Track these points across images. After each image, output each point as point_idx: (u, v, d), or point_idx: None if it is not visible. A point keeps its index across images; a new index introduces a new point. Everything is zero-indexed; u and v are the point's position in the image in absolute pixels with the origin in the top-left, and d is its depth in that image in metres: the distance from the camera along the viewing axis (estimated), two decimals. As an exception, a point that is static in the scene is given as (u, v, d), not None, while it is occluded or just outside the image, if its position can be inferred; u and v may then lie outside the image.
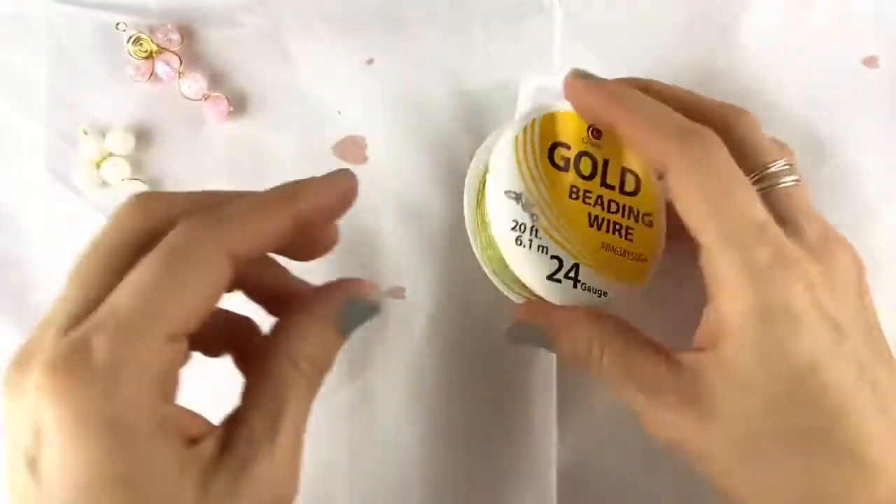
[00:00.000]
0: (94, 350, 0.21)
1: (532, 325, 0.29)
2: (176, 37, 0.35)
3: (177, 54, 0.35)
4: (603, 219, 0.29)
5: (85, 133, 0.35)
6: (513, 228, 0.28)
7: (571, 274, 0.28)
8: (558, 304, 0.29)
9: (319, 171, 0.35)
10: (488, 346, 0.35)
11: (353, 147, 0.36)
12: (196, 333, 0.23)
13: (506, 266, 0.28)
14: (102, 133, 0.35)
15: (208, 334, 0.26)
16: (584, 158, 0.29)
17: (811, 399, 0.24)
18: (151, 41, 0.35)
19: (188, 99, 0.35)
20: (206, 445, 0.23)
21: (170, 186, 0.36)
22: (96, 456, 0.20)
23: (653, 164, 0.27)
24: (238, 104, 0.36)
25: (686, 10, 0.35)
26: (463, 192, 0.32)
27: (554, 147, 0.29)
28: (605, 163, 0.29)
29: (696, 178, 0.25)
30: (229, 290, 0.26)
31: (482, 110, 0.35)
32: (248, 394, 0.25)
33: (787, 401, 0.24)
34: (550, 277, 0.28)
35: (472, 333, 0.35)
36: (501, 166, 0.28)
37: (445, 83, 0.35)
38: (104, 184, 0.36)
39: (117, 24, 0.35)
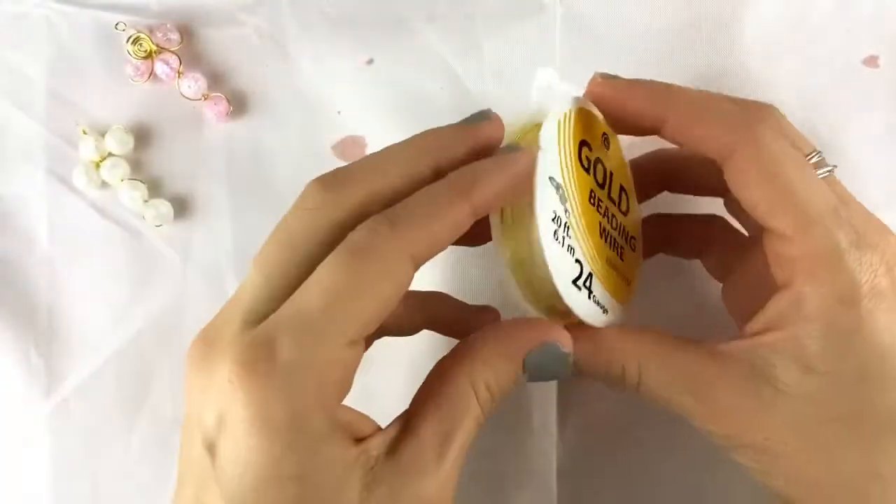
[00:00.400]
0: (279, 350, 0.21)
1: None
2: (175, 36, 0.35)
3: (176, 54, 0.35)
4: (608, 233, 0.28)
5: (84, 133, 0.35)
6: (553, 220, 0.25)
7: (588, 283, 0.26)
8: (574, 311, 0.26)
9: (320, 171, 0.36)
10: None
11: (353, 147, 0.36)
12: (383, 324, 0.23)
13: (531, 262, 0.26)
14: (102, 133, 0.35)
15: (400, 319, 0.27)
16: (598, 165, 0.27)
17: (884, 378, 0.24)
18: (151, 41, 0.35)
19: (188, 99, 0.35)
20: (373, 446, 0.23)
21: (169, 186, 0.36)
22: (274, 454, 0.21)
23: (712, 153, 0.26)
24: (238, 104, 0.36)
25: (687, 10, 0.35)
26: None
27: (582, 144, 0.27)
28: (611, 175, 0.28)
29: (766, 164, 0.24)
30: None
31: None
32: (423, 403, 0.24)
33: (857, 381, 0.24)
34: (574, 282, 0.26)
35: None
36: (548, 150, 0.25)
37: (445, 83, 0.35)
38: (103, 184, 0.36)
39: (116, 23, 0.35)
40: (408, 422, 0.24)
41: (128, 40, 0.35)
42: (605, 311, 0.27)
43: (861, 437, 0.24)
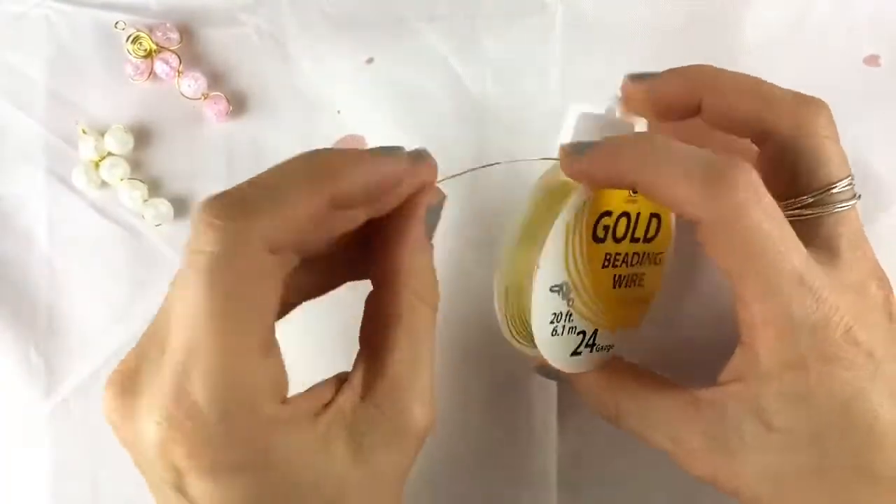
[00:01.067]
0: (192, 400, 0.21)
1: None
2: (175, 36, 0.35)
3: (176, 53, 0.35)
4: (624, 276, 0.28)
5: (84, 133, 0.35)
6: (551, 322, 0.27)
7: (590, 341, 0.28)
8: (573, 374, 0.29)
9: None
10: (488, 346, 0.35)
11: (353, 146, 0.36)
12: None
13: (529, 331, 0.28)
14: (101, 132, 0.35)
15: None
16: (621, 220, 0.28)
17: (843, 433, 0.24)
18: (150, 40, 0.35)
19: (187, 98, 0.35)
20: (343, 401, 0.23)
21: (169, 186, 0.36)
22: (248, 489, 0.22)
23: (682, 216, 0.25)
24: (238, 104, 0.36)
25: (687, 10, 0.35)
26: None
27: (600, 218, 0.27)
28: (637, 216, 0.28)
29: (727, 230, 0.24)
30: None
31: (482, 110, 0.35)
32: (377, 337, 0.25)
33: (816, 439, 0.24)
34: (573, 353, 0.28)
35: (471, 334, 0.35)
36: (550, 259, 0.26)
37: (445, 83, 0.35)
38: (103, 183, 0.35)
39: (116, 23, 0.35)
40: (369, 364, 0.24)
41: (128, 39, 0.35)
42: (609, 349, 0.29)
43: (829, 486, 0.25)
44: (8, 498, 0.35)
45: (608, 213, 0.27)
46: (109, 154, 0.35)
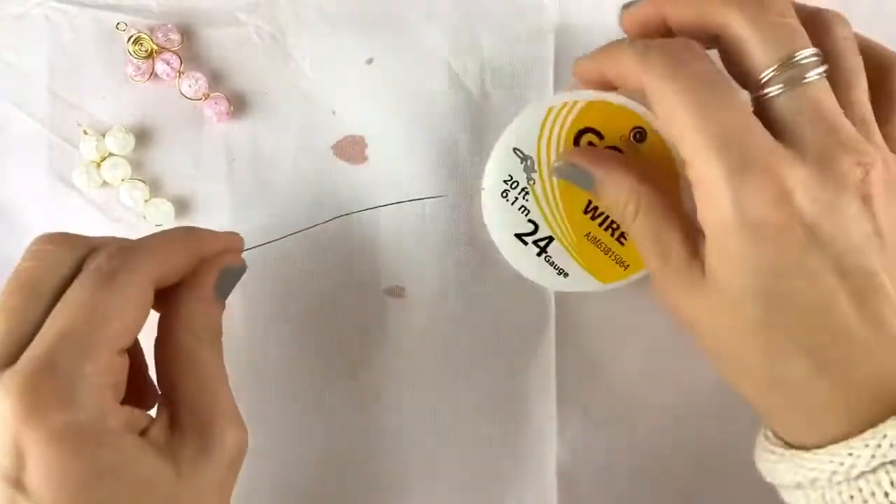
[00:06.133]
0: (58, 370, 0.24)
1: (580, 167, 0.29)
2: (176, 36, 0.35)
3: (177, 54, 0.35)
4: (602, 213, 0.30)
5: (85, 133, 0.35)
6: (505, 181, 0.30)
7: (541, 243, 0.30)
8: (511, 263, 0.31)
9: (319, 171, 0.36)
10: (488, 347, 0.35)
11: (353, 147, 0.36)
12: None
13: None
14: (102, 133, 0.35)
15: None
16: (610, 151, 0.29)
17: (780, 296, 0.25)
18: (151, 41, 0.35)
19: (188, 99, 0.35)
20: (154, 434, 0.26)
21: (170, 186, 0.36)
22: (84, 460, 0.24)
23: (640, 92, 0.27)
24: (238, 104, 0.36)
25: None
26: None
27: (583, 132, 0.30)
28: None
29: (666, 93, 0.25)
30: None
31: (482, 110, 0.35)
32: (168, 375, 0.28)
33: (752, 301, 0.25)
34: (518, 236, 0.30)
35: (471, 333, 0.35)
36: (522, 126, 0.30)
37: (445, 83, 0.35)
38: (104, 184, 0.36)
39: (117, 23, 0.35)
40: (169, 398, 0.28)
41: (129, 40, 0.35)
42: (562, 273, 0.31)
43: (765, 348, 0.25)
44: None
45: (598, 134, 0.30)
46: (110, 154, 0.35)
